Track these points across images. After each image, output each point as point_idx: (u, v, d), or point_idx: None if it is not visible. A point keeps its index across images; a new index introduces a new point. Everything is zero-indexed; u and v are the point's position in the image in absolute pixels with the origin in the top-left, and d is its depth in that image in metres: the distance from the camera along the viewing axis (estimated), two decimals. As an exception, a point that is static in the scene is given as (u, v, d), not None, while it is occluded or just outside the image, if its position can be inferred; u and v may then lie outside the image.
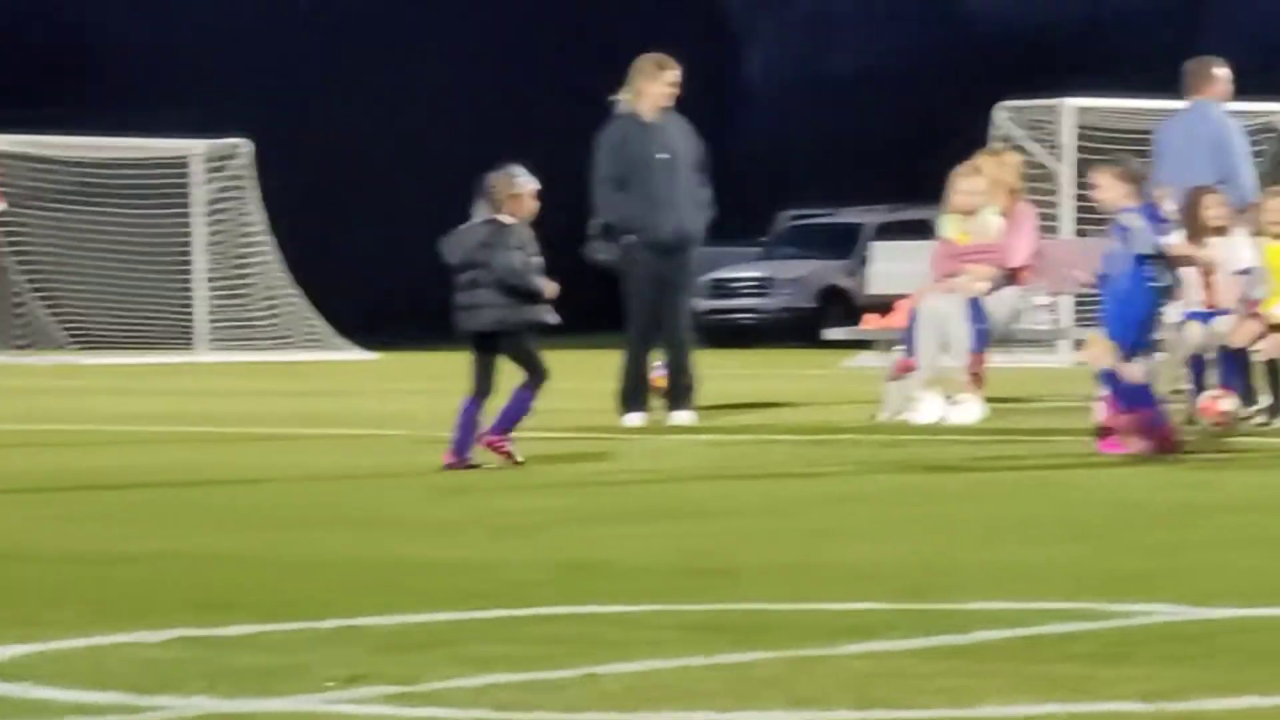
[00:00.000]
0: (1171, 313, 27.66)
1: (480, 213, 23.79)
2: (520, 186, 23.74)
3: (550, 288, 23.89)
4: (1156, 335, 27.00)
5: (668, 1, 63.99)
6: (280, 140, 50.56)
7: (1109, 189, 26.04)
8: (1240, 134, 30.04)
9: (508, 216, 23.35)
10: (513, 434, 24.69)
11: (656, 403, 29.47)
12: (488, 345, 23.96)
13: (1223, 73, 30.27)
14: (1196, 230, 26.48)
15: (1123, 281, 25.54)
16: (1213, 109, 29.94)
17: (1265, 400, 27.42)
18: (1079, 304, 37.48)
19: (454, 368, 21.22)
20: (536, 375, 23.96)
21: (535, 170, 24.40)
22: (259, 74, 75.65)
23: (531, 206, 23.75)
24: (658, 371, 30.75)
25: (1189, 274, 27.16)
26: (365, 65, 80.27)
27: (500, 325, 23.05)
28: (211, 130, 54.33)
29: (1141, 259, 25.27)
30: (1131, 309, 25.87)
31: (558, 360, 23.91)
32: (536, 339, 23.89)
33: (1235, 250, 26.02)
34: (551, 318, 23.95)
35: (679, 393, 28.27)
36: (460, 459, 23.35)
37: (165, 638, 12.47)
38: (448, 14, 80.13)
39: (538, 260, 23.47)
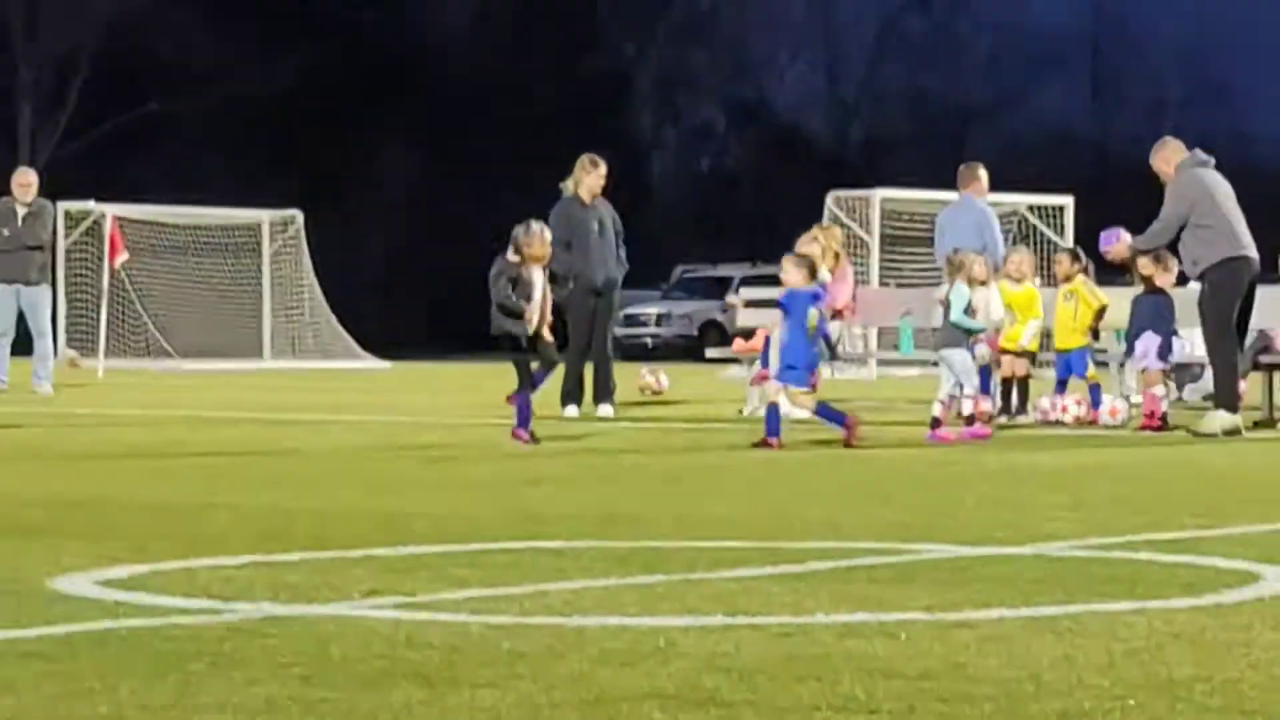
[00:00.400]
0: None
1: (507, 254, 23.85)
2: (531, 236, 24.12)
3: (529, 312, 24.10)
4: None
5: (598, 122, 63.45)
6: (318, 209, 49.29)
7: (789, 273, 26.47)
8: (994, 217, 31.86)
9: (514, 257, 23.79)
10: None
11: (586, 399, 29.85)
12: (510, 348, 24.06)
13: (983, 173, 31.50)
14: (970, 280, 26.17)
15: (793, 341, 25.98)
16: (977, 200, 31.28)
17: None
18: (881, 334, 40.19)
19: (446, 375, 21.41)
20: (544, 364, 24.87)
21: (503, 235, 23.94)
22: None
23: (542, 252, 23.97)
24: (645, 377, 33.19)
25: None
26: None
27: (497, 332, 23.76)
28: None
29: (804, 327, 25.28)
30: (798, 358, 26.31)
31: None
32: (546, 344, 24.64)
33: (993, 297, 25.11)
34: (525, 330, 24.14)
35: (603, 392, 29.55)
36: (523, 434, 24.04)
37: (239, 562, 13.09)
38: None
39: (538, 291, 23.77)
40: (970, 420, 24.78)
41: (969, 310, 24.69)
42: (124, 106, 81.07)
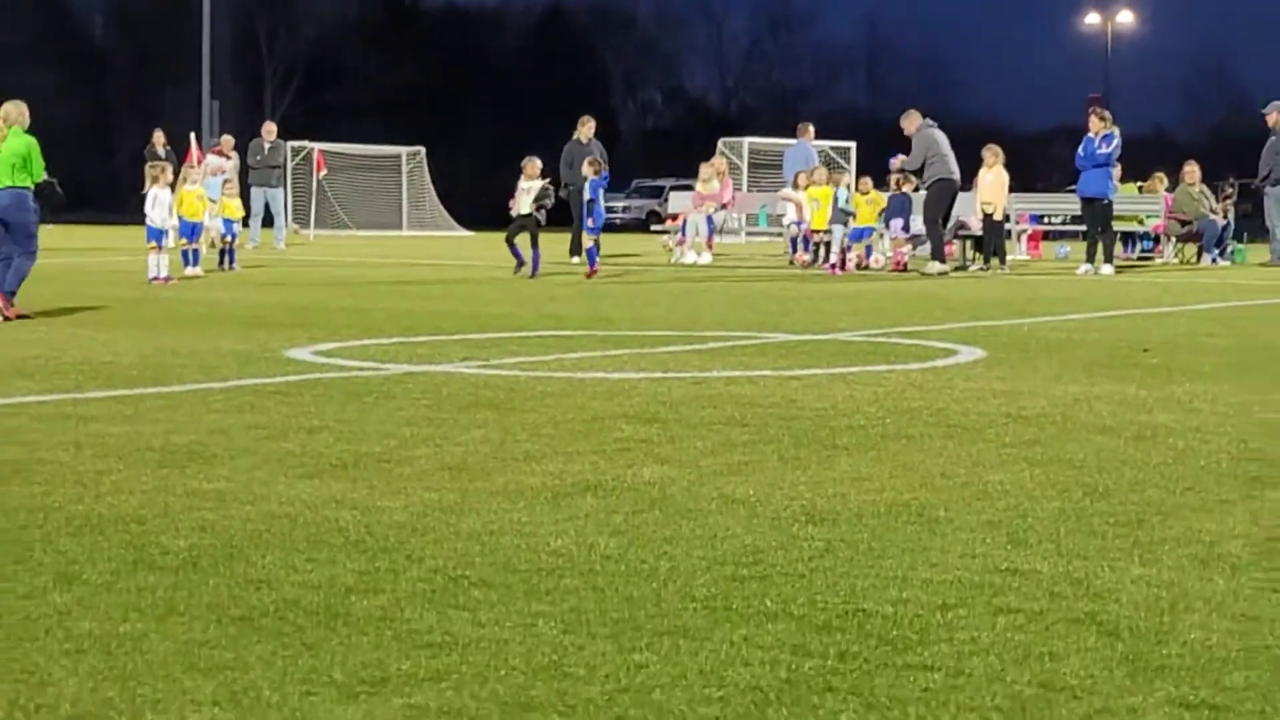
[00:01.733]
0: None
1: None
2: (525, 162, 24.13)
3: (514, 204, 24.08)
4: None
5: (592, 100, 61.42)
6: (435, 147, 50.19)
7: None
8: (814, 152, 33.56)
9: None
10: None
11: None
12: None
13: (810, 128, 33.70)
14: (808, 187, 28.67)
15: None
16: (806, 142, 33.02)
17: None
18: (746, 218, 40.10)
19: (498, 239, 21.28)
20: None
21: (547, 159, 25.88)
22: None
23: (532, 170, 24.00)
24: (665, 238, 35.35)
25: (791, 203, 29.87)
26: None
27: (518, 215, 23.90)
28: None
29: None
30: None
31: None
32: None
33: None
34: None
35: (577, 247, 29.02)
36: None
37: (390, 341, 12.93)
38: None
39: (525, 194, 23.82)
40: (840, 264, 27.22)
41: (849, 202, 26.66)
42: (325, 86, 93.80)
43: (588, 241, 24.86)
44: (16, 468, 7.12)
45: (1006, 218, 29.07)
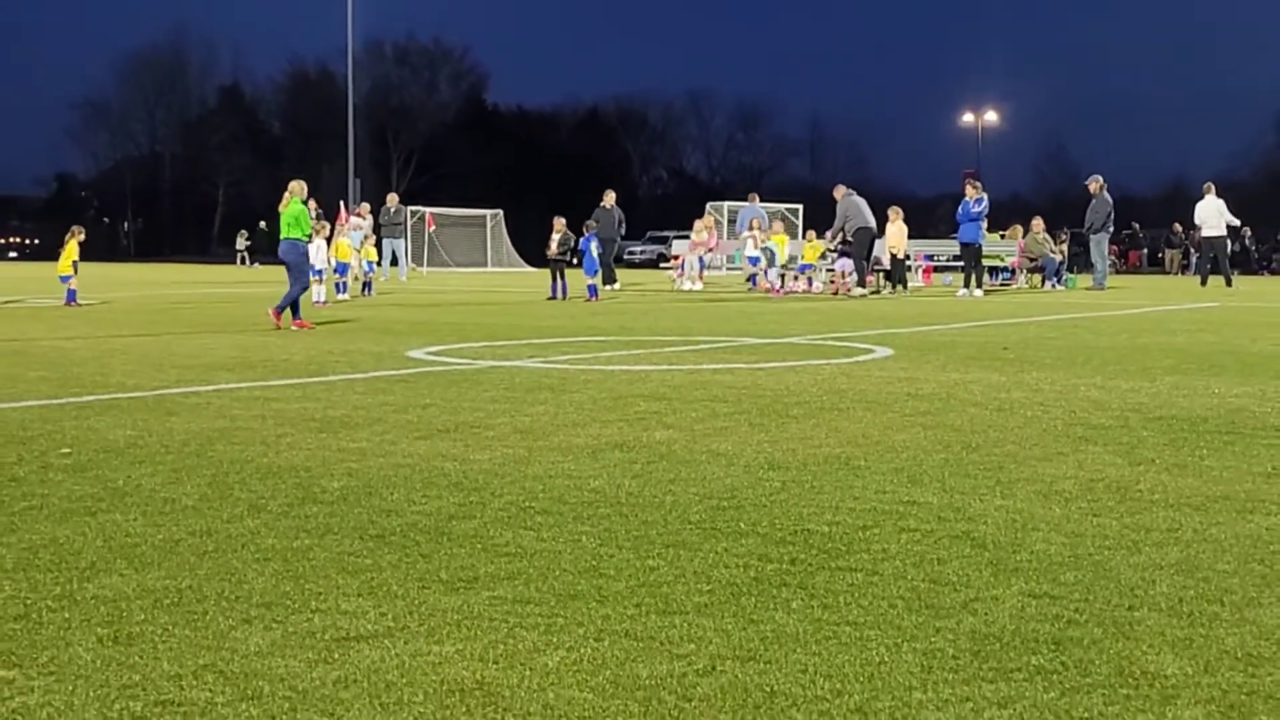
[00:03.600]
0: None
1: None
2: (554, 221, 23.42)
3: (553, 246, 23.19)
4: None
5: (616, 178, 61.10)
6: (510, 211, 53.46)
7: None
8: (763, 211, 33.52)
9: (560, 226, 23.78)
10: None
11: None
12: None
13: (756, 195, 35.08)
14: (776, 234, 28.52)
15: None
16: (755, 204, 33.91)
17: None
18: (728, 259, 41.18)
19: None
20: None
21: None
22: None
23: (559, 227, 23.31)
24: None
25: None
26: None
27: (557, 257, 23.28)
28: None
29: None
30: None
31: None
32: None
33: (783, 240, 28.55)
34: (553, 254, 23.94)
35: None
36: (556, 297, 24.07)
37: (479, 345, 12.75)
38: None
39: (556, 239, 23.20)
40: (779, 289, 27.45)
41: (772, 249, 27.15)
42: (433, 166, 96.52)
43: (589, 280, 24.05)
44: (222, 432, 7.11)
45: (907, 256, 28.84)
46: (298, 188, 16.30)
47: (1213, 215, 29.61)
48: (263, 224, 70.57)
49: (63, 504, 5.17)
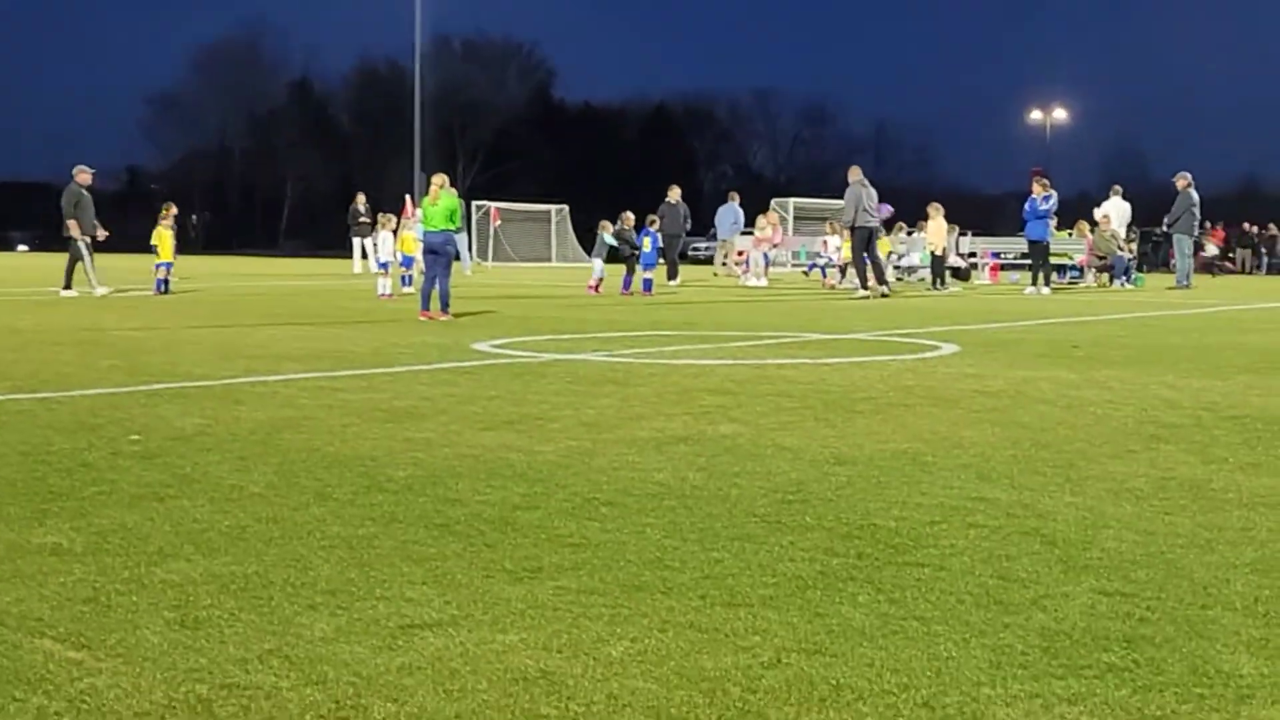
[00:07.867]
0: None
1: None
2: (620, 218, 23.39)
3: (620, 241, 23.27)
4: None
5: (685, 176, 60.69)
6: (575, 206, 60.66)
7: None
8: (739, 213, 33.87)
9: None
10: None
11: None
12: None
13: (735, 194, 33.92)
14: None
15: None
16: (733, 206, 33.22)
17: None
18: (793, 255, 43.08)
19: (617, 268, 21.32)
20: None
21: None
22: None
23: (628, 223, 23.53)
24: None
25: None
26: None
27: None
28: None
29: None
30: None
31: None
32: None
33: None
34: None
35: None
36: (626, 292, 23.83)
37: (543, 338, 12.63)
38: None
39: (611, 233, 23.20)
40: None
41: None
42: (500, 162, 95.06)
43: (645, 274, 23.43)
44: (290, 421, 7.13)
45: (945, 253, 28.06)
46: (445, 180, 16.19)
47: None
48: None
49: (132, 490, 5.21)
